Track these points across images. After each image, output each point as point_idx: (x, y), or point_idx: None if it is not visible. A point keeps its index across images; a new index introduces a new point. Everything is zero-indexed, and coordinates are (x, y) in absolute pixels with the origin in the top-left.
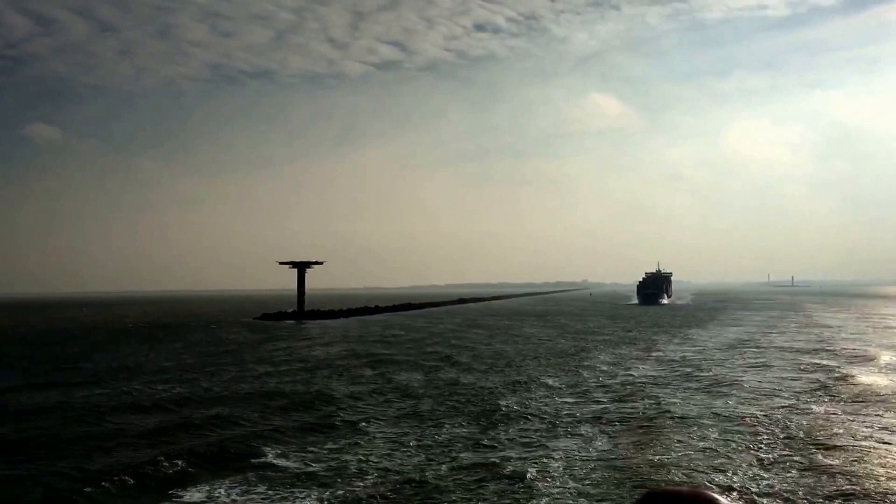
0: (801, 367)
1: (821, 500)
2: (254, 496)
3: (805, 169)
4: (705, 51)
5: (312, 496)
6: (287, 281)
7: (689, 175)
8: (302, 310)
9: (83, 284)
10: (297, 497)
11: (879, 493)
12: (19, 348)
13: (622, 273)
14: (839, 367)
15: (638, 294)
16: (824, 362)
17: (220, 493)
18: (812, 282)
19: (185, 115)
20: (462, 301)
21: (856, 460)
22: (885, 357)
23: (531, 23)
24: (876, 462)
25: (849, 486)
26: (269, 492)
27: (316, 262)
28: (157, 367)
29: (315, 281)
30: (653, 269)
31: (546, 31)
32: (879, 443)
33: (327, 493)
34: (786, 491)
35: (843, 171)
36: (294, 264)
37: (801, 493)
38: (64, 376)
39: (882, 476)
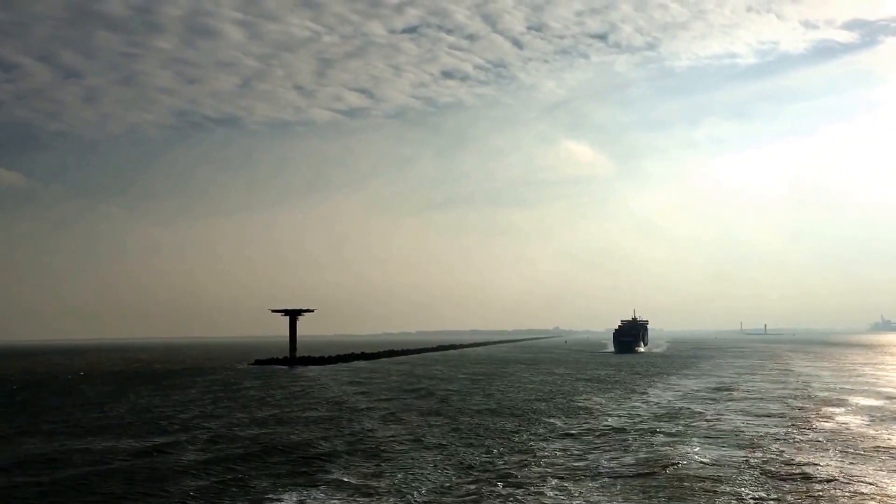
0: (788, 406)
1: None
2: (335, 501)
3: (779, 217)
4: (675, 99)
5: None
6: (259, 328)
7: (663, 222)
8: (294, 356)
9: (47, 332)
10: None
11: None
12: (36, 393)
13: (594, 320)
14: (823, 407)
15: (614, 342)
16: (809, 405)
17: (307, 499)
18: (784, 330)
19: (150, 162)
20: (442, 348)
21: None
22: (860, 399)
23: (499, 70)
24: None
25: None
26: (343, 500)
27: (307, 310)
28: (193, 409)
29: (283, 329)
30: (628, 317)
31: (514, 79)
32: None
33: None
34: None
35: (818, 219)
36: (286, 312)
37: None
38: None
39: None
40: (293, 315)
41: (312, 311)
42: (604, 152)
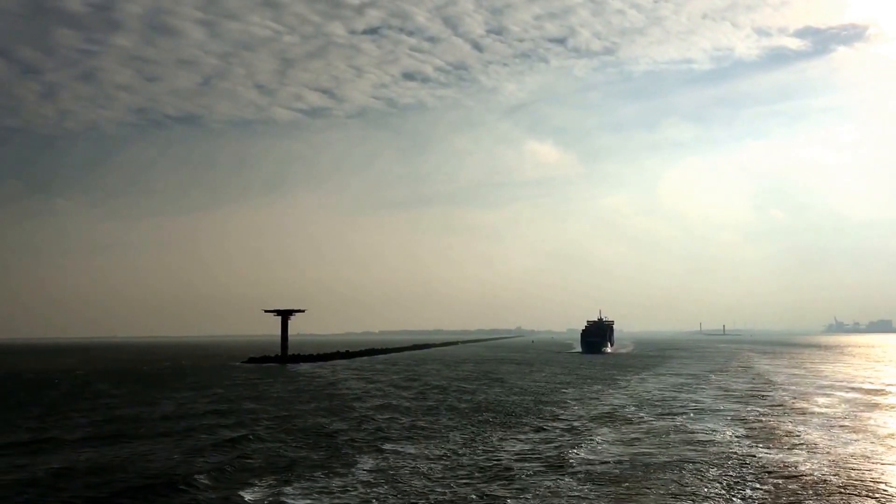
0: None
1: None
2: (398, 462)
3: (740, 218)
4: (635, 102)
5: (437, 465)
6: (220, 328)
7: (626, 223)
8: (286, 354)
9: (1, 331)
10: (425, 463)
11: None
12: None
13: (555, 321)
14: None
15: (581, 342)
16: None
17: (381, 462)
18: (742, 331)
19: (109, 159)
20: (417, 347)
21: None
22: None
23: (460, 73)
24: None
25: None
26: (405, 463)
27: (298, 310)
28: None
29: (241, 328)
30: (592, 317)
31: (475, 81)
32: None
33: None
34: None
35: (779, 220)
36: (279, 312)
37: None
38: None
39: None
40: (285, 315)
41: (303, 311)
42: (568, 153)
